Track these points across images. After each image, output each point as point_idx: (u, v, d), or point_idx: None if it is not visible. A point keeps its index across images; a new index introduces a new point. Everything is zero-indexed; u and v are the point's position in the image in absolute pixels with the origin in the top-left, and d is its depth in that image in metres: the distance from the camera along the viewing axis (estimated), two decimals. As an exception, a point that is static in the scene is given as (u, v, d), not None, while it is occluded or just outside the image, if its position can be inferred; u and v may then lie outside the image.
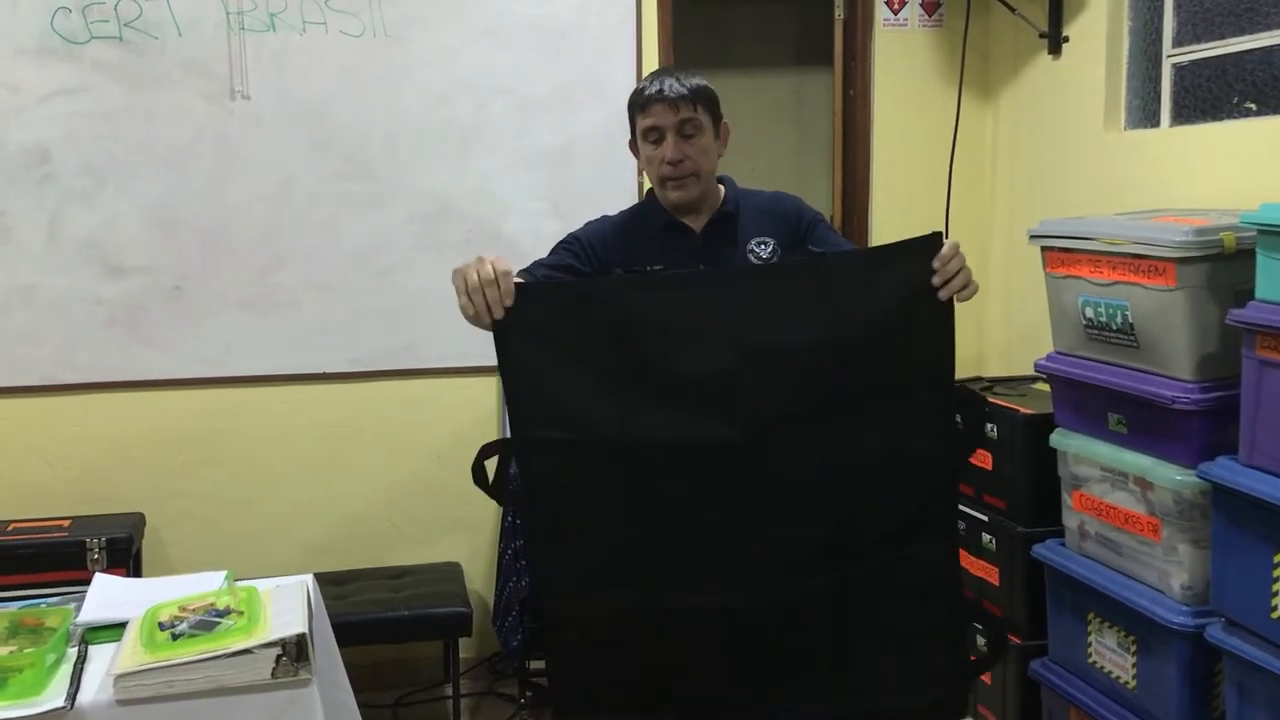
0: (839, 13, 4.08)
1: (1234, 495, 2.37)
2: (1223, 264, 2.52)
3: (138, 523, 3.49)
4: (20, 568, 3.22)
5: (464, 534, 3.86)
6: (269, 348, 3.68)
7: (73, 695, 1.98)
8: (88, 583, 2.47)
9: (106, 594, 2.39)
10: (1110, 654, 2.84)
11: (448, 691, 3.53)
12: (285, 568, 2.89)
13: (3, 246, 3.49)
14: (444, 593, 3.50)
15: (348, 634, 2.75)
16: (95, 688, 2.01)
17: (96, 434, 3.61)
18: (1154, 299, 2.60)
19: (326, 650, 2.38)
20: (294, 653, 2.03)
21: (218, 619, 2.12)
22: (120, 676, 1.99)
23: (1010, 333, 4.02)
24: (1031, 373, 3.19)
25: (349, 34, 3.63)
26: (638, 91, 2.33)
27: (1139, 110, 3.47)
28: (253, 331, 3.66)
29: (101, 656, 2.12)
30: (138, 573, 3.40)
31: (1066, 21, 3.64)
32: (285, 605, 2.20)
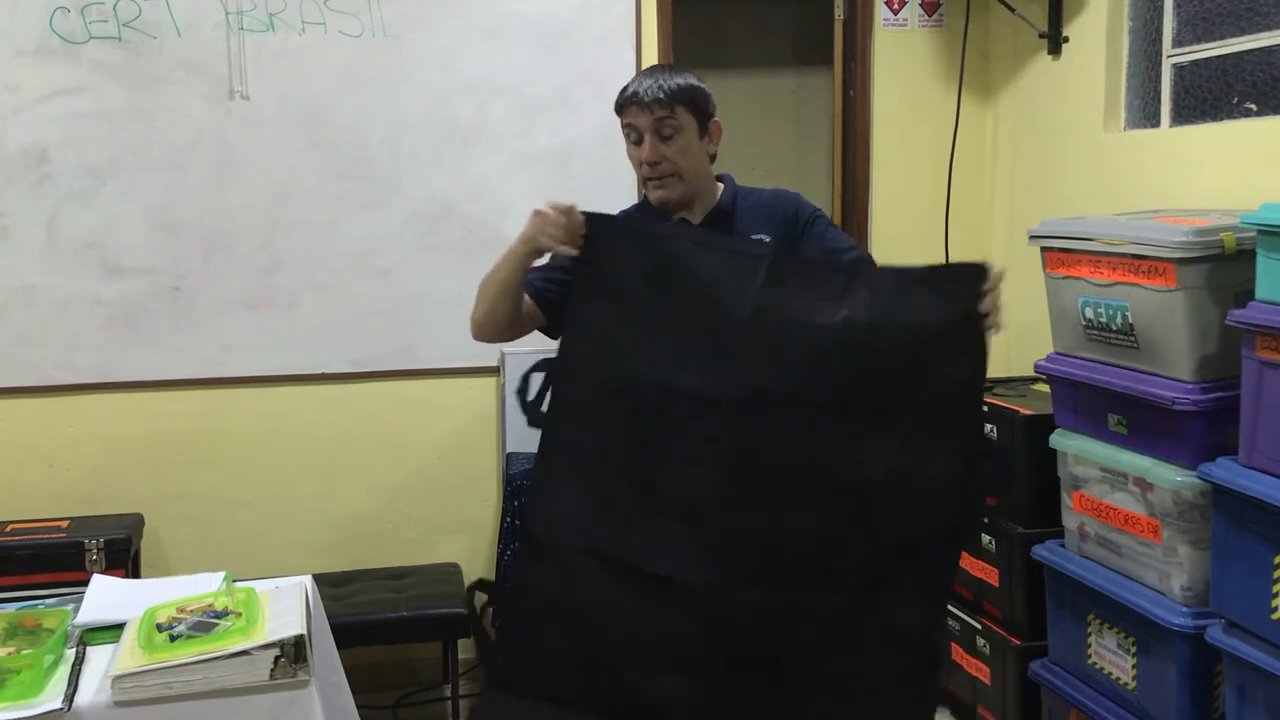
0: (839, 13, 4.08)
1: (1234, 496, 2.36)
2: (1223, 264, 2.52)
3: (136, 524, 3.49)
4: (18, 569, 3.21)
5: (463, 535, 3.86)
6: (269, 348, 3.67)
7: (70, 697, 1.98)
8: (86, 584, 2.47)
9: (105, 595, 2.39)
10: (1110, 655, 2.84)
11: (447, 692, 3.53)
12: (284, 569, 2.88)
13: (2, 247, 3.49)
14: (443, 594, 3.50)
15: (347, 635, 2.75)
16: (93, 689, 2.02)
17: (95, 435, 3.61)
18: (1154, 299, 2.59)
19: (325, 651, 2.38)
20: (292, 654, 2.04)
21: (216, 620, 2.13)
22: (118, 678, 1.99)
23: (1009, 333, 3.97)
24: (1031, 373, 3.19)
25: (348, 34, 3.62)
26: (621, 91, 2.35)
27: (1139, 110, 3.47)
28: (252, 332, 3.66)
29: (99, 658, 2.12)
30: (136, 574, 3.39)
31: (1066, 21, 3.64)
32: (284, 606, 2.20)
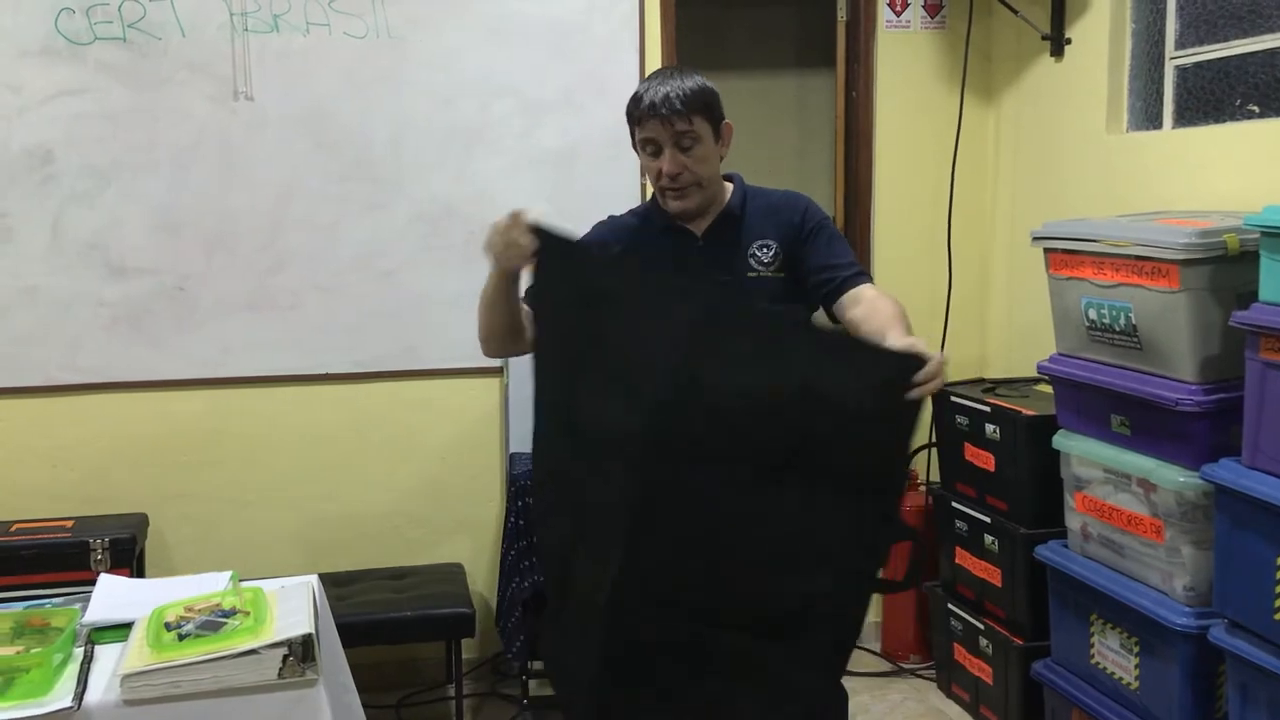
0: (841, 14, 4.08)
1: (1237, 497, 2.37)
2: (1226, 266, 2.53)
3: (141, 523, 3.49)
4: (23, 568, 3.22)
5: (467, 535, 3.86)
6: (272, 349, 3.68)
7: (79, 695, 1.99)
8: (91, 583, 2.48)
9: (112, 594, 2.40)
10: (1113, 655, 2.85)
11: (450, 692, 3.54)
12: (287, 568, 2.89)
13: (6, 247, 3.49)
14: (447, 593, 3.50)
15: (351, 635, 2.75)
16: (102, 688, 2.02)
17: (99, 435, 3.61)
18: (1157, 301, 2.60)
19: (331, 651, 2.38)
20: (300, 653, 2.04)
21: (224, 619, 2.13)
22: (127, 677, 1.99)
23: (1012, 334, 4.03)
24: (1034, 374, 3.20)
25: (352, 35, 3.63)
26: (634, 100, 2.29)
27: (1141, 112, 3.47)
28: (256, 332, 3.66)
29: (108, 657, 2.13)
30: (141, 574, 3.40)
31: (1069, 23, 3.65)
32: (291, 606, 2.21)
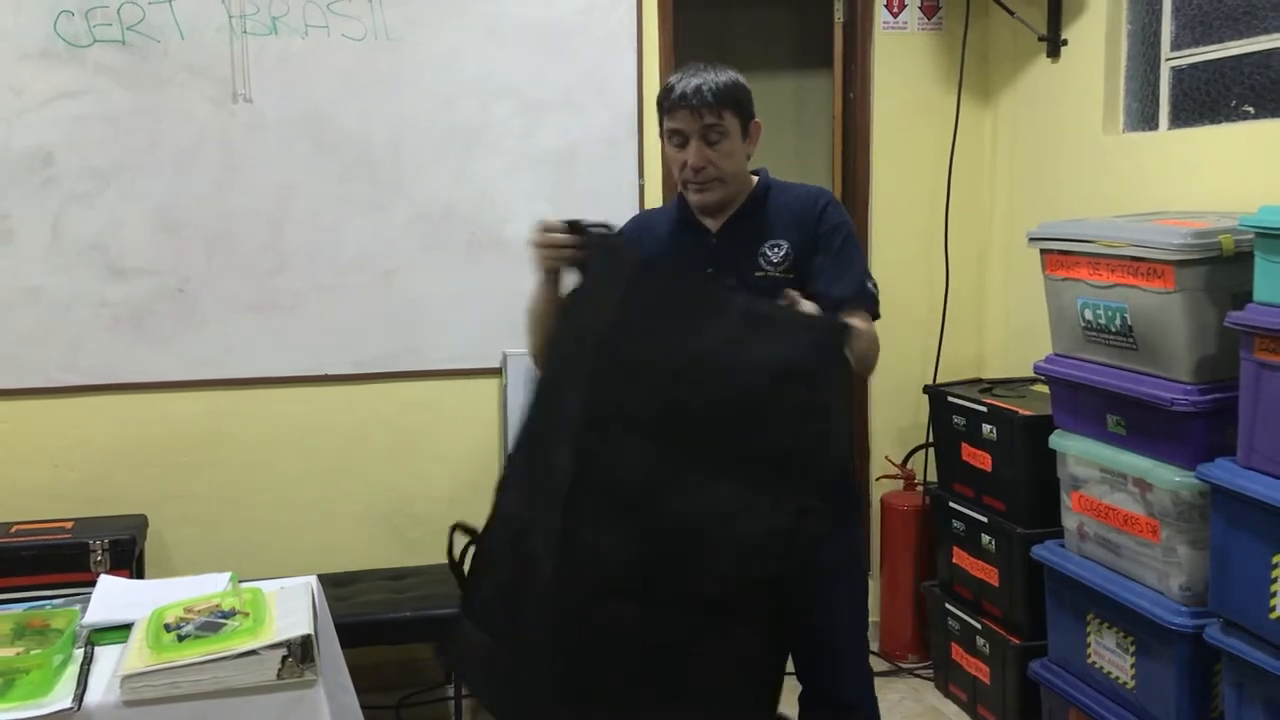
0: (839, 16, 4.09)
1: (1233, 497, 2.38)
2: (1221, 266, 2.53)
3: (141, 525, 3.50)
4: (23, 569, 3.22)
5: (466, 535, 3.86)
6: (272, 350, 3.68)
7: (80, 696, 2.00)
8: (91, 584, 2.49)
9: (112, 595, 2.40)
10: (1109, 654, 2.85)
11: (450, 693, 3.54)
12: (287, 569, 2.89)
13: (6, 249, 3.50)
14: (446, 595, 3.50)
15: (350, 635, 2.76)
16: (102, 689, 2.03)
17: (99, 436, 3.62)
18: (1153, 301, 2.61)
19: (330, 651, 2.39)
20: (300, 654, 2.05)
21: (223, 620, 2.14)
22: (127, 677, 2.00)
23: (1009, 334, 4.03)
24: (1030, 374, 3.21)
25: (351, 37, 3.64)
26: (666, 90, 2.28)
27: (1137, 113, 3.48)
28: (256, 333, 3.67)
29: (108, 658, 2.14)
30: (140, 575, 3.40)
31: (1065, 24, 3.65)
32: (290, 606, 2.22)
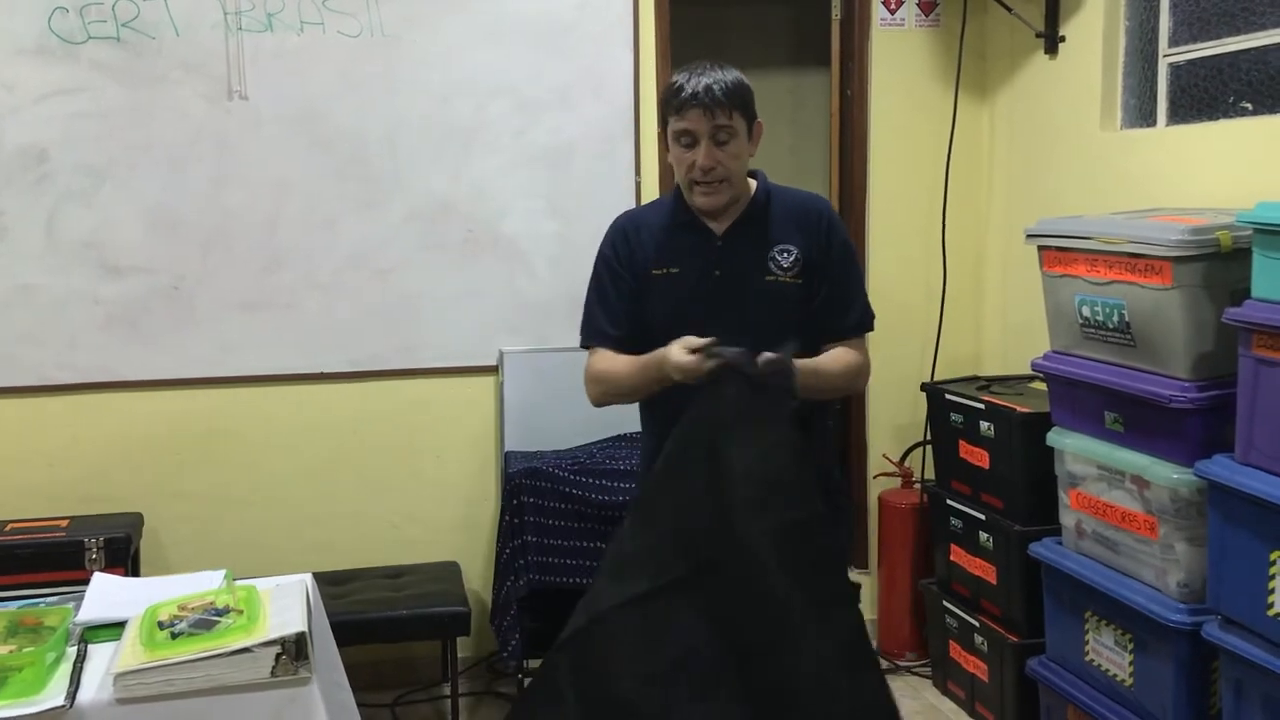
0: (836, 13, 4.08)
1: (1230, 493, 2.37)
2: (1219, 263, 2.53)
3: (136, 523, 3.49)
4: (18, 567, 3.22)
5: (462, 533, 3.86)
6: (267, 348, 3.68)
7: (73, 694, 1.98)
8: (86, 582, 2.47)
9: (105, 593, 2.39)
10: (1108, 652, 2.85)
11: (446, 691, 3.54)
12: (284, 567, 2.88)
13: (0, 246, 3.49)
14: (442, 592, 3.51)
15: (346, 633, 2.75)
16: (95, 686, 2.02)
17: (94, 434, 3.61)
18: (1150, 298, 2.60)
19: (326, 649, 2.38)
20: (294, 651, 2.04)
21: (217, 618, 2.13)
22: (120, 675, 1.99)
23: (1007, 331, 4.03)
24: (1028, 372, 3.20)
25: (347, 34, 3.63)
26: (673, 90, 2.22)
27: (1135, 109, 3.48)
28: (251, 331, 3.66)
29: (101, 655, 2.13)
30: (136, 573, 3.39)
31: (1063, 21, 3.65)
32: (284, 604, 2.21)
